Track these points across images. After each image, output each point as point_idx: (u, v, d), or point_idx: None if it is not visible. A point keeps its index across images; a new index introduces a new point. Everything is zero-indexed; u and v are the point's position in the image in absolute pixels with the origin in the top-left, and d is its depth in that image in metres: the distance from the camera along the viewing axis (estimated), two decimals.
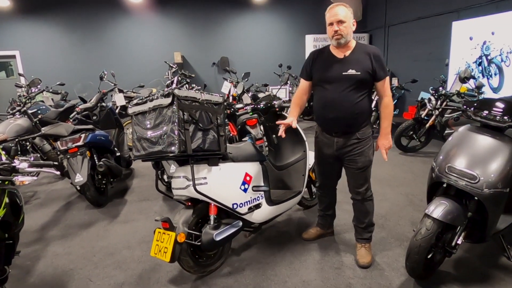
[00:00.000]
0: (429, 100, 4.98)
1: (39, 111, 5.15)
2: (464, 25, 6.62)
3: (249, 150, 2.61)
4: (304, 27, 9.91)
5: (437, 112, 4.94)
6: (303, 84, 2.50)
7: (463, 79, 3.12)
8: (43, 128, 3.66)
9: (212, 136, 2.23)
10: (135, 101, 2.29)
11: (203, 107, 2.19)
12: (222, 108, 2.34)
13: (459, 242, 2.12)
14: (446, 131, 4.98)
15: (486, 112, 2.18)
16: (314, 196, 3.45)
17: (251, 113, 3.33)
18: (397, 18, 8.73)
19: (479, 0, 6.30)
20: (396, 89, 6.61)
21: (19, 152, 4.04)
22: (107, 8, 9.12)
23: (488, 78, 6.07)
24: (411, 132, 5.25)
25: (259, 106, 3.09)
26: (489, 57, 6.01)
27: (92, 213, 3.61)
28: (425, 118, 5.11)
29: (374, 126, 2.04)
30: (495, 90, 5.98)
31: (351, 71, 2.23)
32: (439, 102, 4.85)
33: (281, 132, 2.40)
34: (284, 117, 3.11)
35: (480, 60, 6.33)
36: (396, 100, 6.76)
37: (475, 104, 2.27)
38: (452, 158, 2.16)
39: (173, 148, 2.03)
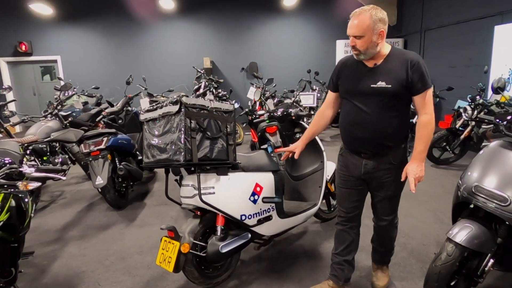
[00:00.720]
0: (465, 109, 4.64)
1: (73, 113, 5.39)
2: (508, 29, 6.15)
3: (261, 160, 2.52)
4: (335, 32, 9.69)
5: (473, 122, 4.59)
6: (329, 96, 2.18)
7: (496, 90, 2.85)
8: (52, 134, 3.81)
9: (221, 145, 2.18)
10: (147, 108, 2.29)
11: (212, 115, 2.15)
12: (233, 116, 2.28)
13: (487, 270, 1.91)
14: (483, 144, 4.61)
15: None
16: (332, 209, 3.30)
17: (267, 121, 3.25)
18: (434, 22, 8.31)
19: None
20: None
21: (48, 153, 4.22)
22: (142, 15, 9.44)
23: None
24: (444, 143, 4.92)
25: (275, 114, 3.01)
26: None
27: (111, 215, 3.68)
28: (460, 128, 4.77)
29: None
30: None
31: (381, 83, 1.87)
32: (475, 112, 4.51)
33: (283, 158, 2.27)
34: (301, 126, 3.02)
35: None
36: None
37: (509, 118, 2.05)
38: (480, 176, 1.95)
39: (179, 156, 1.99)
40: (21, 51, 9.21)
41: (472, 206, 1.98)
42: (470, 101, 4.81)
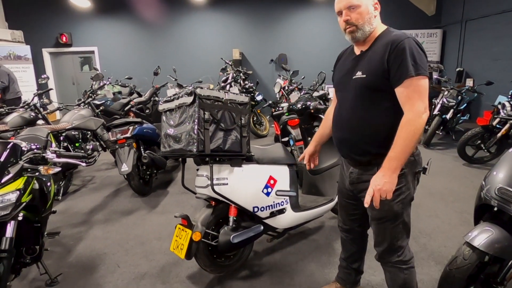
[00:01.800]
0: (503, 106, 4.35)
1: (107, 103, 5.65)
2: None
3: (276, 153, 2.52)
4: None
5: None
6: (334, 93, 1.92)
7: None
8: (74, 121, 3.99)
9: (235, 136, 2.19)
10: (165, 98, 2.35)
11: (227, 106, 2.16)
12: (248, 108, 2.28)
13: (508, 277, 1.80)
14: None
15: None
16: None
17: (287, 114, 3.23)
18: (476, 12, 7.79)
19: None
20: (466, 92, 5.91)
21: (80, 140, 4.45)
22: (174, 7, 9.61)
23: None
24: (479, 141, 4.64)
25: (295, 107, 2.98)
26: None
27: (135, 201, 3.84)
28: (498, 126, 4.47)
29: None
30: None
31: (358, 74, 1.59)
32: None
33: (301, 159, 2.13)
34: (321, 119, 2.96)
35: None
36: (465, 104, 6.04)
37: None
38: (504, 178, 1.83)
39: (192, 147, 2.03)
40: (62, 42, 9.71)
41: (495, 209, 1.87)
42: (510, 96, 4.49)
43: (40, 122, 4.53)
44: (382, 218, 1.65)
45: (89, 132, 4.73)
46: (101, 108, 5.10)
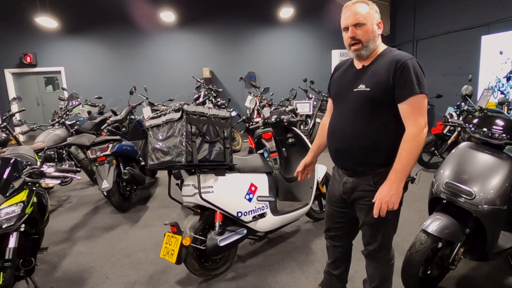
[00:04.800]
0: (451, 116, 4.89)
1: (77, 122, 5.64)
2: (494, 39, 6.46)
3: (256, 162, 2.76)
4: (330, 42, 10.03)
5: (459, 127, 4.83)
6: (329, 103, 1.98)
7: (464, 97, 3.09)
8: (68, 138, 4.05)
9: (219, 148, 2.41)
10: (151, 115, 2.53)
11: (211, 121, 2.39)
12: (229, 122, 2.52)
13: (457, 258, 2.13)
14: None
15: (485, 129, 2.19)
16: (324, 209, 3.52)
17: (262, 127, 3.50)
18: (425, 32, 8.63)
19: (510, 14, 6.14)
20: None
21: (55, 160, 4.45)
22: (143, 27, 9.76)
23: None
24: (433, 148, 5.15)
25: (269, 121, 3.25)
26: None
27: (116, 217, 3.90)
28: (447, 134, 5.01)
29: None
30: None
31: (361, 87, 1.65)
32: (461, 118, 4.75)
33: (300, 174, 2.15)
34: (293, 132, 3.25)
35: (510, 75, 6.12)
36: None
37: (475, 121, 2.29)
38: (450, 174, 2.18)
39: (181, 158, 2.23)
40: (26, 62, 9.50)
41: (445, 201, 2.21)
42: (456, 107, 5.06)
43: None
44: (376, 223, 1.73)
45: (64, 152, 4.73)
46: (75, 127, 5.12)
